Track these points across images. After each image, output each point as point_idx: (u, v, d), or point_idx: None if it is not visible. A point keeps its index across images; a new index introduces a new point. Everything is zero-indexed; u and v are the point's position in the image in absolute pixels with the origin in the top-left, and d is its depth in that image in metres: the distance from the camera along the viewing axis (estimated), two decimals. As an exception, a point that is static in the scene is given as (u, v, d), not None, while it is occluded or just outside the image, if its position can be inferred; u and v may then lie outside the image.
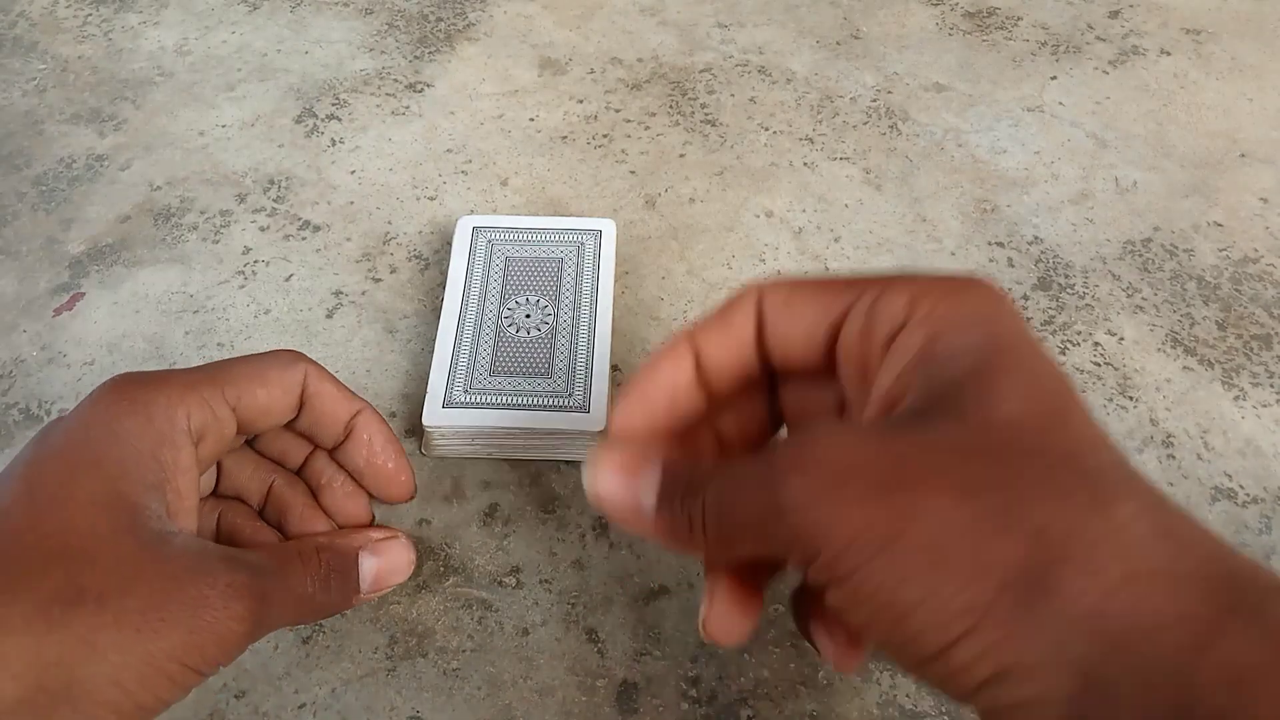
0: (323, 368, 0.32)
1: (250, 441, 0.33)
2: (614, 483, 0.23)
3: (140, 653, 0.24)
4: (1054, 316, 0.42)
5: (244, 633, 0.26)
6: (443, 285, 0.40)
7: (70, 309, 0.42)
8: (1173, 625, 0.18)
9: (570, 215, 0.45)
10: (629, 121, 0.50)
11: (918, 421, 0.21)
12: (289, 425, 0.32)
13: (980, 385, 0.21)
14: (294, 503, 0.32)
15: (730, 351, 0.25)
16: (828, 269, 0.43)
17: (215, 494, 0.32)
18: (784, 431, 0.28)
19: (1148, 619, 0.18)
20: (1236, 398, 0.39)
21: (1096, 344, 0.41)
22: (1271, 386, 0.39)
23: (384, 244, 0.44)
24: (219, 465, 0.32)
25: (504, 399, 0.36)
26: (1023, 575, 0.18)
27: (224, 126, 0.50)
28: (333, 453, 0.33)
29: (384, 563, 0.31)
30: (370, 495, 0.34)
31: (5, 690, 0.22)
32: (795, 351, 0.25)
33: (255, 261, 0.44)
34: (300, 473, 0.33)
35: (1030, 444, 0.20)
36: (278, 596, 0.27)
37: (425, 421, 0.35)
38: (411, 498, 0.34)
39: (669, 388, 0.26)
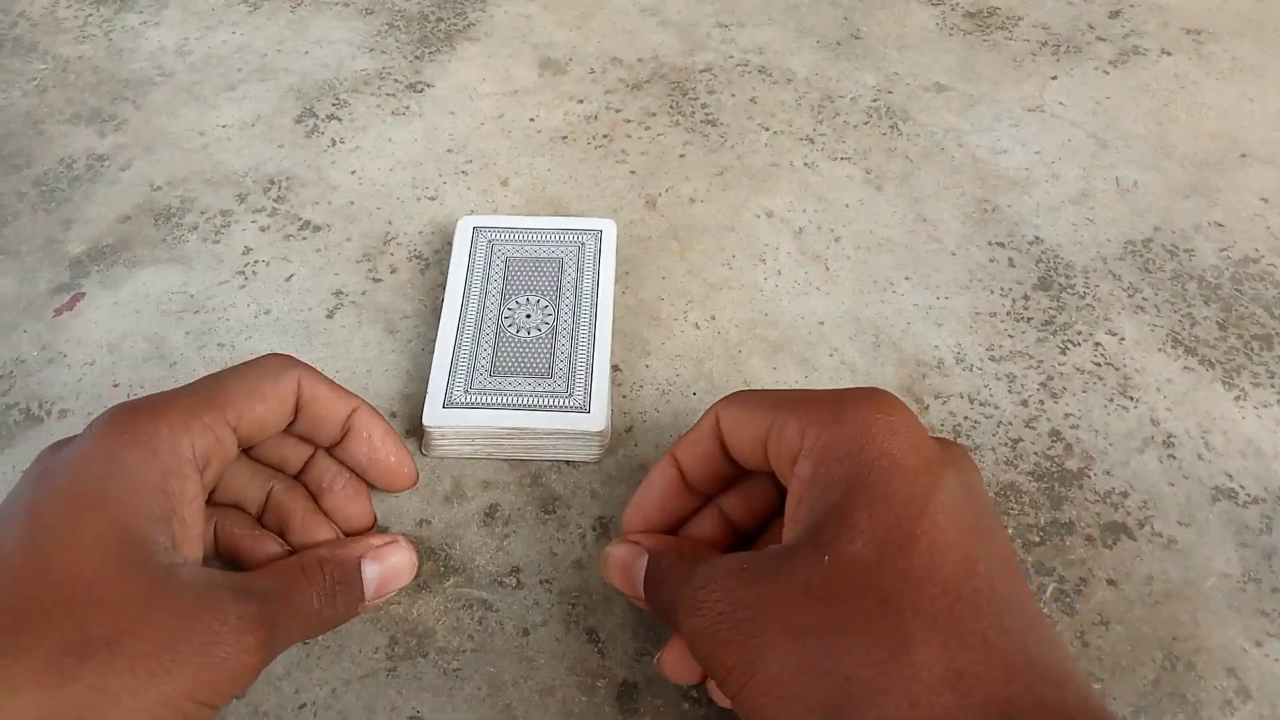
0: (314, 369, 0.32)
1: (247, 449, 0.33)
2: (617, 573, 0.30)
3: (155, 695, 0.23)
4: (1054, 316, 0.42)
5: (256, 664, 0.26)
6: (443, 285, 0.40)
7: (70, 309, 0.42)
8: None
9: (570, 215, 0.45)
10: (629, 121, 0.50)
11: (785, 561, 0.25)
12: (286, 429, 0.32)
13: (838, 519, 0.24)
14: (295, 508, 0.32)
15: (702, 461, 0.30)
16: (828, 269, 0.43)
17: (211, 503, 0.32)
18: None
19: None
20: (1237, 398, 0.39)
21: (1097, 344, 0.41)
22: (1272, 387, 0.39)
23: (384, 244, 0.44)
24: None
25: (504, 399, 0.36)
26: (835, 715, 0.22)
27: (224, 126, 0.50)
28: (332, 450, 0.33)
29: (386, 569, 0.31)
30: (373, 488, 0.34)
31: None
32: (749, 459, 0.29)
33: (255, 261, 0.43)
34: (300, 477, 0.33)
35: (863, 583, 0.23)
36: (286, 620, 0.27)
37: (425, 421, 0.35)
38: (414, 485, 0.35)
39: (660, 495, 0.31)
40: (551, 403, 0.36)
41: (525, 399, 0.36)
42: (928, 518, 0.24)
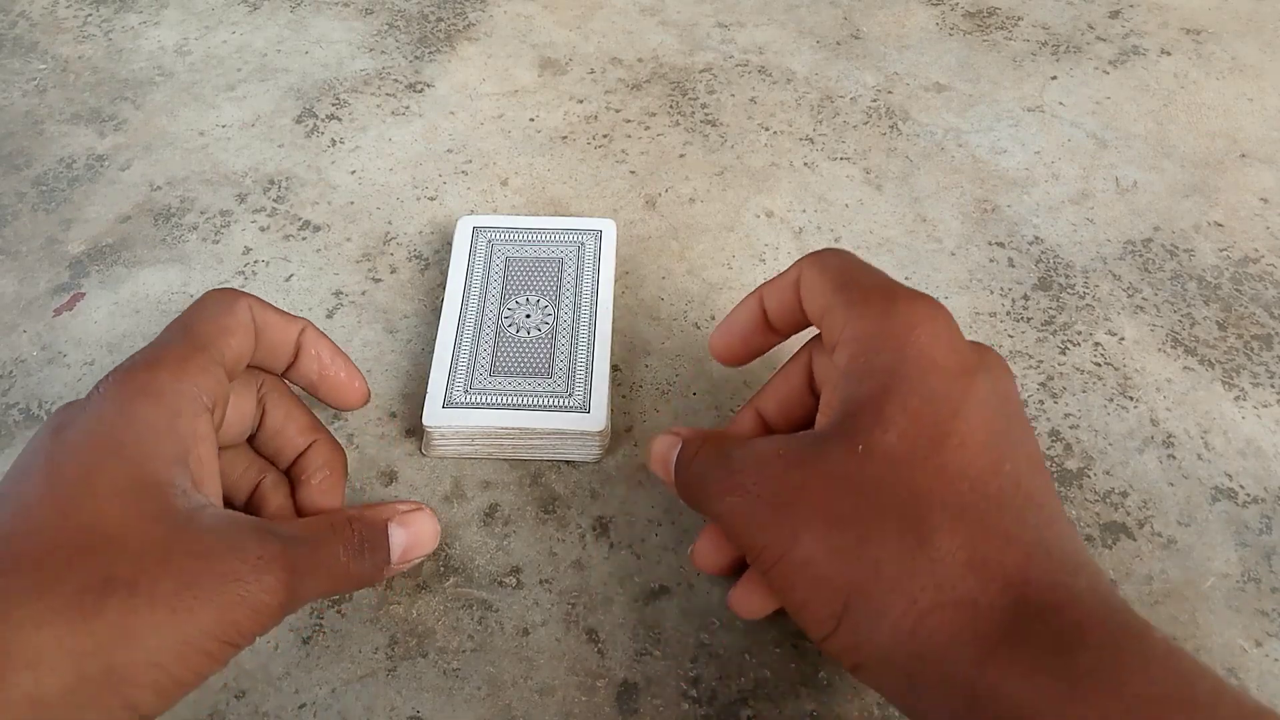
0: (255, 296, 0.32)
1: (252, 440, 0.33)
2: (658, 463, 0.31)
3: (176, 633, 0.24)
4: (1054, 316, 0.42)
5: (278, 604, 0.26)
6: (443, 285, 0.40)
7: (70, 309, 0.42)
8: (966, 644, 0.23)
9: (570, 215, 0.45)
10: (629, 121, 0.50)
11: (819, 446, 0.26)
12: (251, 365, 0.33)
13: (873, 411, 0.26)
14: (272, 500, 0.32)
15: (782, 307, 0.31)
16: (828, 269, 0.43)
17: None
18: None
19: (947, 639, 0.23)
20: (1237, 398, 0.39)
21: (1097, 344, 0.41)
22: (1272, 386, 0.39)
23: (384, 244, 0.44)
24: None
25: (504, 399, 0.36)
26: (863, 597, 0.24)
27: (224, 126, 0.50)
28: (286, 373, 0.34)
29: (412, 535, 0.31)
30: (330, 407, 0.35)
31: (46, 683, 0.22)
32: (815, 324, 0.30)
33: (255, 261, 0.43)
34: (289, 471, 0.34)
35: (895, 475, 0.25)
36: (309, 567, 0.27)
37: (425, 421, 0.35)
38: (366, 402, 0.36)
39: (743, 327, 0.33)
40: (551, 403, 0.36)
41: (525, 399, 0.36)
42: (961, 418, 0.25)
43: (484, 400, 0.36)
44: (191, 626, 0.24)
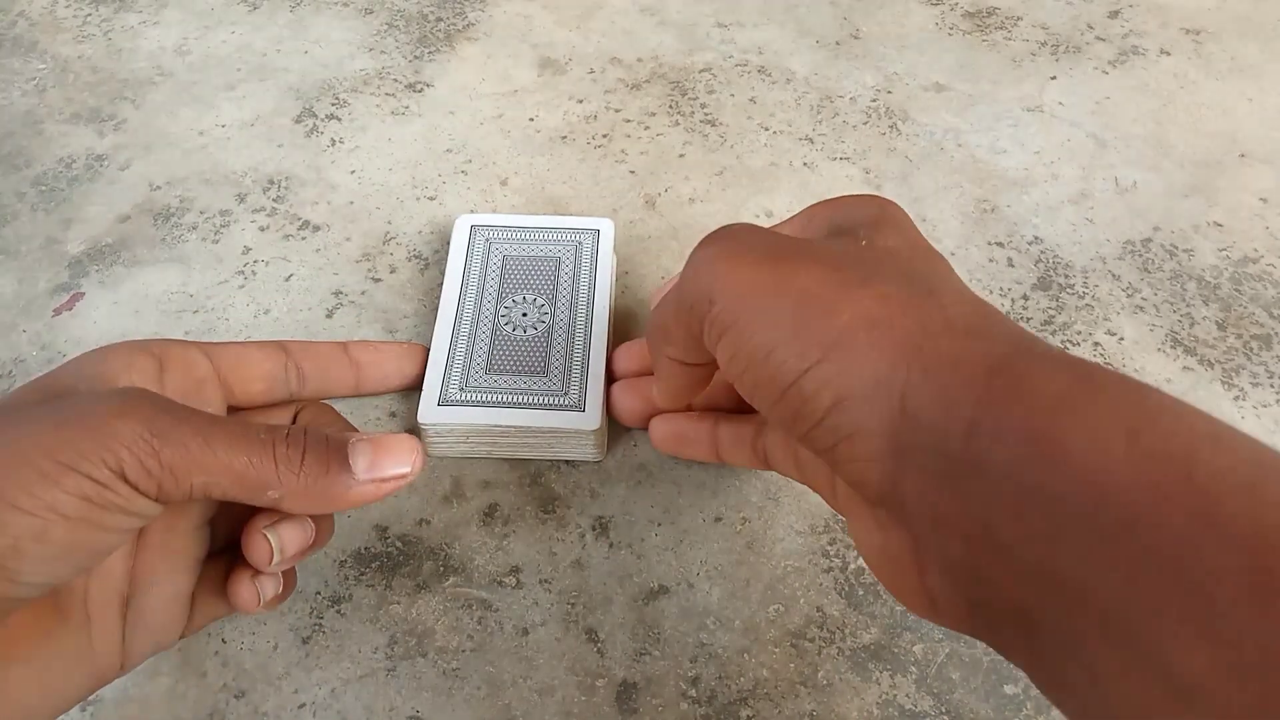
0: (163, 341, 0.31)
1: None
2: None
3: (5, 443, 0.23)
4: (1054, 316, 0.42)
5: (126, 433, 0.23)
6: (441, 284, 0.40)
7: (70, 309, 0.42)
8: (976, 358, 0.21)
9: (570, 215, 0.45)
10: (629, 121, 0.50)
11: (816, 241, 0.27)
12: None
13: (871, 227, 0.27)
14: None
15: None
16: (827, 269, 0.43)
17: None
18: None
19: (957, 354, 0.22)
20: (1236, 398, 0.39)
21: (1096, 344, 0.41)
22: (1271, 387, 0.39)
23: (384, 244, 0.44)
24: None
25: (500, 397, 0.36)
26: (865, 320, 0.23)
27: (224, 126, 0.50)
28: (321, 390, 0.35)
29: (379, 448, 0.27)
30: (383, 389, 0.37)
31: None
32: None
33: (255, 261, 0.43)
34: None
35: (896, 260, 0.25)
36: (198, 448, 0.24)
37: (420, 419, 0.35)
38: (419, 359, 0.37)
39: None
40: (546, 401, 0.36)
41: (520, 397, 0.36)
42: (942, 256, 0.27)
43: (479, 398, 0.36)
44: (26, 441, 0.23)
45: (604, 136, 0.49)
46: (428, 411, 0.36)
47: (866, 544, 0.25)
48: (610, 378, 0.37)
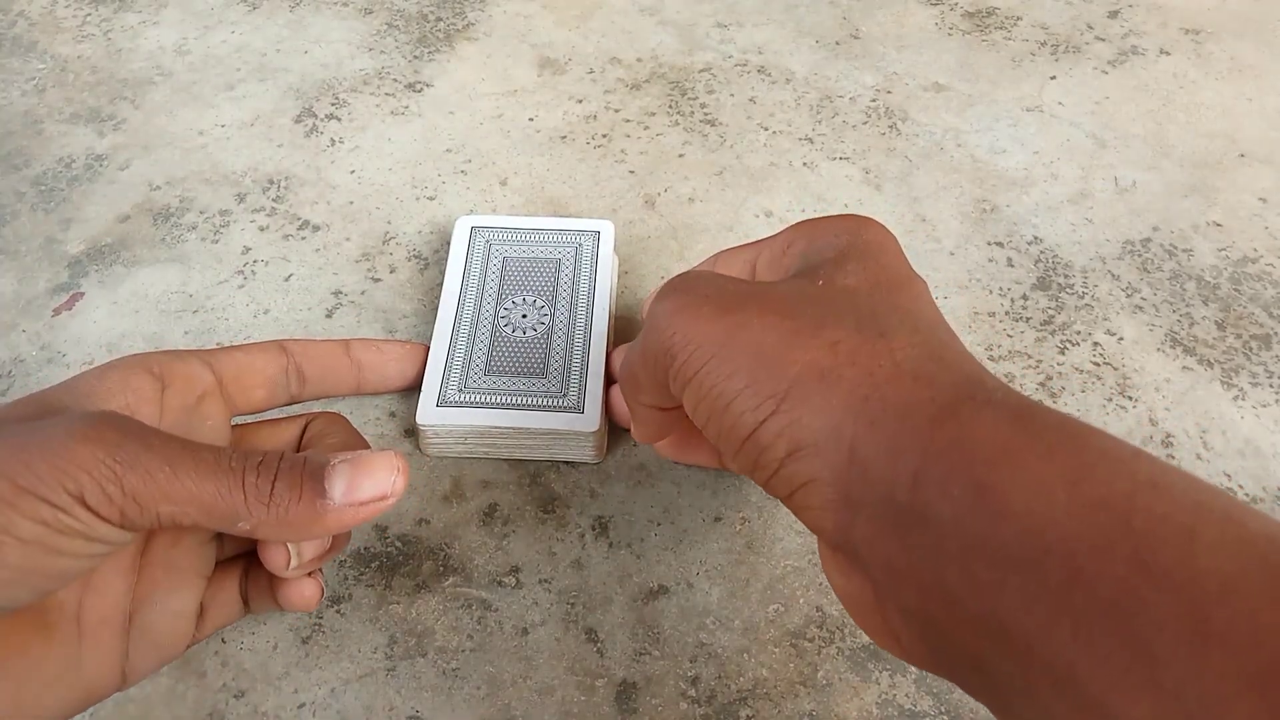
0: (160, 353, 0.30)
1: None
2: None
3: None
4: (1053, 316, 0.42)
5: (93, 459, 0.23)
6: (441, 285, 0.40)
7: (70, 309, 0.42)
8: (921, 407, 0.22)
9: (569, 215, 0.45)
10: (628, 121, 0.50)
11: (774, 282, 0.27)
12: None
13: (834, 264, 0.27)
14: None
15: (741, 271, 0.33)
16: (827, 269, 0.43)
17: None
18: None
19: (903, 403, 0.22)
20: (1236, 398, 0.39)
21: (1096, 344, 0.41)
22: (1271, 386, 0.39)
23: (383, 244, 0.44)
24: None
25: (499, 398, 0.36)
26: (815, 371, 0.23)
27: (223, 126, 0.50)
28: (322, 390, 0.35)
29: (357, 468, 0.26)
30: (386, 388, 0.37)
31: None
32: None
33: (255, 261, 0.43)
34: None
35: (854, 302, 0.25)
36: (165, 478, 0.23)
37: (419, 420, 0.35)
38: (419, 358, 0.37)
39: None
40: (546, 402, 0.36)
41: (519, 399, 0.36)
42: (914, 281, 0.27)
43: (478, 400, 0.36)
44: None
45: (603, 136, 0.49)
46: (426, 412, 0.36)
47: (834, 582, 0.25)
48: (609, 379, 0.37)
